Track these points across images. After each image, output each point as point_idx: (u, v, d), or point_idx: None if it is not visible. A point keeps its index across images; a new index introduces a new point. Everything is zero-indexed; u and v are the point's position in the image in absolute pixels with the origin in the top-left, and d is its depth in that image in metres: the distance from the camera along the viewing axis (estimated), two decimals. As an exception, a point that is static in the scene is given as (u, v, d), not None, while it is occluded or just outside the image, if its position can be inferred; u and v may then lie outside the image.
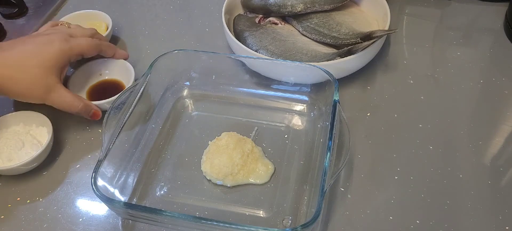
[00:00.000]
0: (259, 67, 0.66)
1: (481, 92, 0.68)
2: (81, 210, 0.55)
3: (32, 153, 0.57)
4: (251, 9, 0.78)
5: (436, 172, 0.57)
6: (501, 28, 0.78)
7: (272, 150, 0.60)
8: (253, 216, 0.53)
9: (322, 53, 0.67)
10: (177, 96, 0.67)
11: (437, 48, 0.76)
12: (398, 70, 0.71)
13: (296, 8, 0.73)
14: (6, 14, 0.84)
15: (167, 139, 0.62)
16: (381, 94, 0.67)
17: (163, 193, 0.56)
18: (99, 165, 0.50)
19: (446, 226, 0.51)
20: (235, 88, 0.67)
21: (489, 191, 0.55)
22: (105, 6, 0.86)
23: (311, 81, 0.64)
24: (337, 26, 0.71)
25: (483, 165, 0.58)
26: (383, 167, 0.58)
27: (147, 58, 0.75)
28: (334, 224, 0.52)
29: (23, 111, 0.61)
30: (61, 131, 0.64)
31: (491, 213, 0.52)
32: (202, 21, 0.84)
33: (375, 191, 0.55)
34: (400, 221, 0.52)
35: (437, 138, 0.61)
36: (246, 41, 0.71)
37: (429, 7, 0.84)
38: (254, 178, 0.56)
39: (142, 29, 0.83)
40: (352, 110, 0.65)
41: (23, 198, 0.56)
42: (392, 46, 0.75)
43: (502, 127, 0.62)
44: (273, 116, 0.64)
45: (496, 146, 0.60)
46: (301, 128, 0.63)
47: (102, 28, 0.77)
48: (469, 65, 0.72)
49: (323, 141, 0.56)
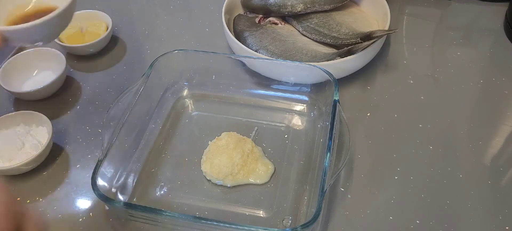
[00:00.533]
0: (259, 67, 0.66)
1: (481, 92, 0.68)
2: (81, 210, 0.55)
3: (32, 153, 0.57)
4: (251, 9, 0.78)
5: (436, 172, 0.57)
6: (501, 28, 0.78)
7: (272, 150, 0.60)
8: (253, 216, 0.53)
9: (322, 53, 0.67)
10: (177, 96, 0.67)
11: (437, 48, 0.76)
12: (398, 70, 0.71)
13: (296, 8, 0.73)
14: (6, 14, 0.84)
15: (167, 139, 0.62)
16: (381, 94, 0.67)
17: (163, 193, 0.56)
18: (99, 165, 0.50)
19: (446, 226, 0.51)
20: (235, 88, 0.67)
21: (489, 191, 0.55)
22: (105, 6, 0.86)
23: (311, 81, 0.64)
24: (337, 26, 0.71)
25: (483, 165, 0.58)
26: (383, 167, 0.58)
27: (147, 58, 0.75)
28: (334, 224, 0.52)
29: (23, 112, 0.61)
30: (61, 130, 0.64)
31: (491, 213, 0.52)
32: (202, 21, 0.84)
33: (375, 191, 0.55)
34: (400, 221, 0.52)
35: (437, 138, 0.61)
36: (246, 41, 0.71)
37: (429, 7, 0.84)
38: (254, 178, 0.56)
39: (142, 29, 0.83)
40: (352, 110, 0.65)
41: (23, 198, 0.56)
42: (392, 46, 0.75)
43: (502, 127, 0.62)
44: (273, 116, 0.64)
45: (496, 146, 0.60)
46: (301, 128, 0.63)
47: (102, 28, 0.77)
48: (469, 65, 0.72)
49: (323, 141, 0.56)
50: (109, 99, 0.68)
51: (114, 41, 0.79)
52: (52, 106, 0.67)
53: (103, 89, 0.70)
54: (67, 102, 0.68)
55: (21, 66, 0.70)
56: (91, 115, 0.66)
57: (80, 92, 0.70)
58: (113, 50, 0.78)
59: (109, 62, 0.76)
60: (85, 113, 0.67)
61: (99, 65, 0.75)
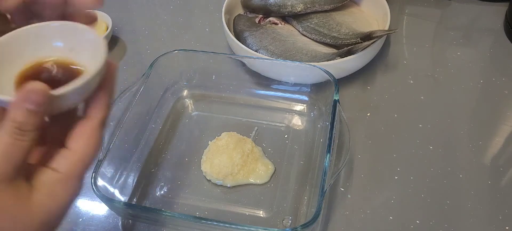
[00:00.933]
0: (259, 67, 0.66)
1: (481, 92, 0.68)
2: (81, 210, 0.55)
3: (32, 153, 0.57)
4: (251, 9, 0.78)
5: (436, 172, 0.57)
6: (501, 28, 0.78)
7: (272, 150, 0.60)
8: (253, 216, 0.53)
9: (322, 53, 0.67)
10: (177, 96, 0.67)
11: (437, 48, 0.76)
12: (398, 70, 0.71)
13: (296, 8, 0.73)
14: (6, 14, 0.84)
15: (167, 139, 0.62)
16: (381, 94, 0.67)
17: (163, 193, 0.56)
18: (99, 165, 0.50)
19: (446, 226, 0.51)
20: (235, 88, 0.67)
21: (489, 191, 0.55)
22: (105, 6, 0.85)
23: (311, 81, 0.64)
24: (337, 26, 0.71)
25: (483, 165, 0.58)
26: (383, 167, 0.58)
27: (147, 58, 0.75)
28: (334, 224, 0.52)
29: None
30: (61, 131, 0.64)
31: (491, 213, 0.52)
32: (202, 21, 0.84)
33: (375, 191, 0.55)
34: (400, 221, 0.52)
35: (437, 138, 0.61)
36: (246, 41, 0.71)
37: (429, 7, 0.84)
38: (254, 178, 0.56)
39: (142, 29, 0.83)
40: (352, 110, 0.65)
41: (23, 198, 0.56)
42: (392, 46, 0.75)
43: (502, 127, 0.62)
44: (273, 116, 0.64)
45: (496, 146, 0.60)
46: (301, 128, 0.63)
47: (102, 28, 0.77)
48: (469, 65, 0.72)
49: (323, 141, 0.56)
50: (109, 99, 0.68)
51: (114, 41, 0.79)
52: (52, 106, 0.67)
53: (103, 89, 0.70)
54: (67, 102, 0.68)
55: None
56: (91, 115, 0.66)
57: (80, 92, 0.70)
58: (113, 50, 0.78)
59: (109, 62, 0.75)
60: (85, 113, 0.67)
61: (99, 65, 0.75)
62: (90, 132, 0.34)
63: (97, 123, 0.34)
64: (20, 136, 0.30)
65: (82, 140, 0.33)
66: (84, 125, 0.34)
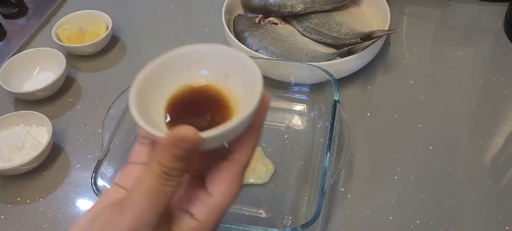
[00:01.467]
0: (259, 67, 0.66)
1: (481, 92, 0.67)
2: (81, 210, 0.55)
3: (32, 153, 0.57)
4: (251, 9, 0.78)
5: (436, 172, 0.57)
6: (501, 28, 0.78)
7: (272, 150, 0.60)
8: (253, 216, 0.53)
9: (322, 53, 0.67)
10: (177, 96, 0.67)
11: (437, 48, 0.76)
12: (398, 70, 0.71)
13: (296, 8, 0.73)
14: (6, 14, 0.84)
15: (167, 139, 0.62)
16: (381, 94, 0.67)
17: (163, 193, 0.56)
18: (99, 165, 0.50)
19: (446, 226, 0.51)
20: (235, 88, 0.67)
21: (489, 191, 0.55)
22: (105, 6, 0.86)
23: (311, 81, 0.64)
24: (337, 26, 0.71)
25: (483, 165, 0.57)
26: (383, 167, 0.58)
27: (147, 58, 0.75)
28: (334, 224, 0.52)
29: (23, 111, 0.61)
30: (61, 131, 0.64)
31: (491, 213, 0.52)
32: (202, 21, 0.84)
33: (375, 191, 0.55)
34: (400, 221, 0.52)
35: (437, 138, 0.61)
36: (246, 41, 0.71)
37: (429, 7, 0.84)
38: (254, 178, 0.56)
39: (142, 29, 0.83)
40: (352, 110, 0.65)
41: (23, 198, 0.56)
42: (392, 46, 0.75)
43: (502, 127, 0.62)
44: (273, 116, 0.64)
45: (496, 146, 0.60)
46: (301, 128, 0.63)
47: (102, 28, 0.77)
48: (469, 65, 0.72)
49: (323, 141, 0.56)
50: (109, 99, 0.68)
51: (114, 41, 0.79)
52: (52, 106, 0.67)
53: (103, 89, 0.70)
54: (67, 102, 0.68)
55: (21, 66, 0.70)
56: (91, 115, 0.66)
57: (80, 92, 0.70)
58: (113, 50, 0.78)
59: (109, 62, 0.76)
60: (85, 113, 0.67)
61: (99, 65, 0.75)
62: (233, 178, 0.31)
63: (240, 168, 0.31)
64: (166, 181, 0.28)
65: (223, 186, 0.30)
66: (227, 169, 0.31)
